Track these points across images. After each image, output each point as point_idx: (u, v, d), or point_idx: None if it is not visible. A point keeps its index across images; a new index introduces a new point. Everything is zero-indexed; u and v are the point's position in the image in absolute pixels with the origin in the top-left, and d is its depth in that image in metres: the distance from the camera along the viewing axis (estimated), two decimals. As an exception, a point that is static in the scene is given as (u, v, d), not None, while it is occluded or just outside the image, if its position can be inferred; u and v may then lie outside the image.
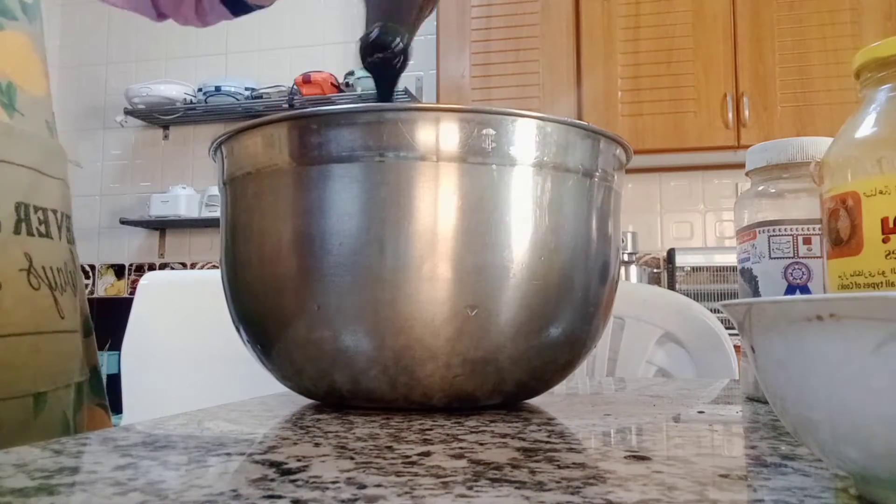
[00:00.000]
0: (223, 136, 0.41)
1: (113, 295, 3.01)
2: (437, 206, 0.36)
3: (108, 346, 2.87)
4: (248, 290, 0.40)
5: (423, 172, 0.36)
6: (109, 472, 0.23)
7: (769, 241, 0.45)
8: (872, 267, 0.31)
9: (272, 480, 0.22)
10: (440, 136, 0.36)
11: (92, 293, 3.01)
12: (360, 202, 0.36)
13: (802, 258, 0.44)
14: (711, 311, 0.98)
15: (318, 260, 0.37)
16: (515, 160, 0.37)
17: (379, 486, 0.21)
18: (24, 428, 0.40)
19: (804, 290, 0.44)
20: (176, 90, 2.87)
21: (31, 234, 0.42)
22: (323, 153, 0.37)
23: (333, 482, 0.22)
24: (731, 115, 2.26)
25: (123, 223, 2.93)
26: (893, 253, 0.30)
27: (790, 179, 0.45)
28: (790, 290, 0.44)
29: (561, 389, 0.52)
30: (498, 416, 0.38)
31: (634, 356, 0.99)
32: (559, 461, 0.25)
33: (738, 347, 0.89)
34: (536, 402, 0.44)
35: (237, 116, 2.89)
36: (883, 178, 0.30)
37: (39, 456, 0.26)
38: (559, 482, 0.22)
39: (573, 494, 0.20)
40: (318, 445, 0.28)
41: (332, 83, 2.73)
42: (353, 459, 0.25)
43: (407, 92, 2.68)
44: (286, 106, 2.75)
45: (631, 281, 2.30)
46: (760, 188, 0.47)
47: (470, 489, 0.21)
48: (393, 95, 0.50)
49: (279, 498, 0.20)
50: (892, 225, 0.30)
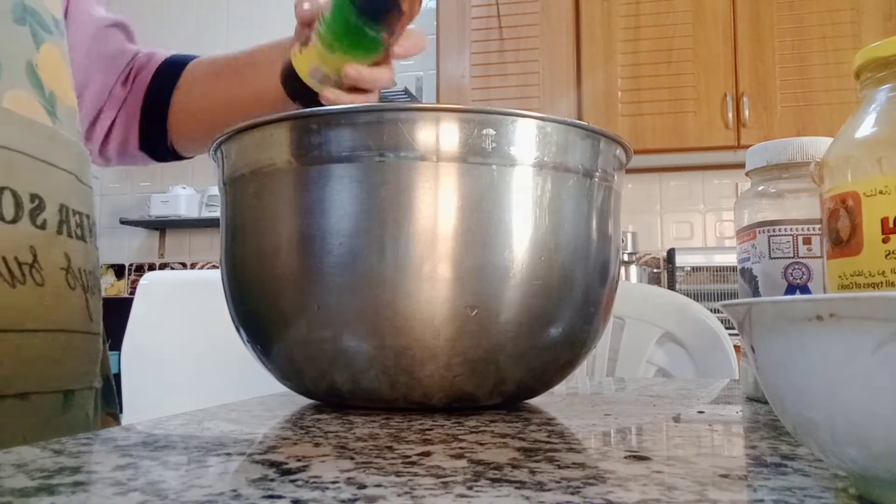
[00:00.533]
0: (223, 135, 0.41)
1: (113, 295, 3.01)
2: (437, 206, 0.36)
3: (108, 346, 2.87)
4: (248, 290, 0.40)
5: (423, 172, 0.36)
6: (109, 472, 0.23)
7: (769, 241, 0.45)
8: (872, 267, 0.31)
9: (272, 480, 0.22)
10: (440, 136, 0.36)
11: (92, 293, 3.01)
12: (360, 202, 0.36)
13: (802, 258, 0.44)
14: (711, 311, 0.98)
15: (318, 260, 0.37)
16: (515, 160, 0.37)
17: (379, 486, 0.21)
18: (50, 424, 0.41)
19: (804, 290, 0.44)
20: (176, 90, 2.87)
21: (70, 235, 0.43)
22: (323, 153, 0.37)
23: (333, 482, 0.22)
24: (731, 115, 2.27)
25: (123, 223, 2.93)
26: (893, 253, 0.30)
27: (790, 179, 0.45)
28: (790, 290, 0.44)
29: (561, 389, 0.52)
30: (498, 416, 0.38)
31: (634, 356, 0.99)
32: (559, 461, 0.25)
33: (738, 347, 0.89)
34: (536, 402, 0.44)
35: (237, 116, 2.88)
36: (883, 178, 0.30)
37: (39, 456, 0.26)
38: (559, 482, 0.22)
39: (573, 494, 0.20)
40: (318, 445, 0.28)
41: (332, 83, 2.72)
42: (353, 459, 0.25)
43: (407, 92, 2.68)
44: (286, 106, 2.75)
45: (631, 281, 2.30)
46: (760, 188, 0.47)
47: (470, 489, 0.21)
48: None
49: (279, 498, 0.20)
50: (892, 225, 0.30)
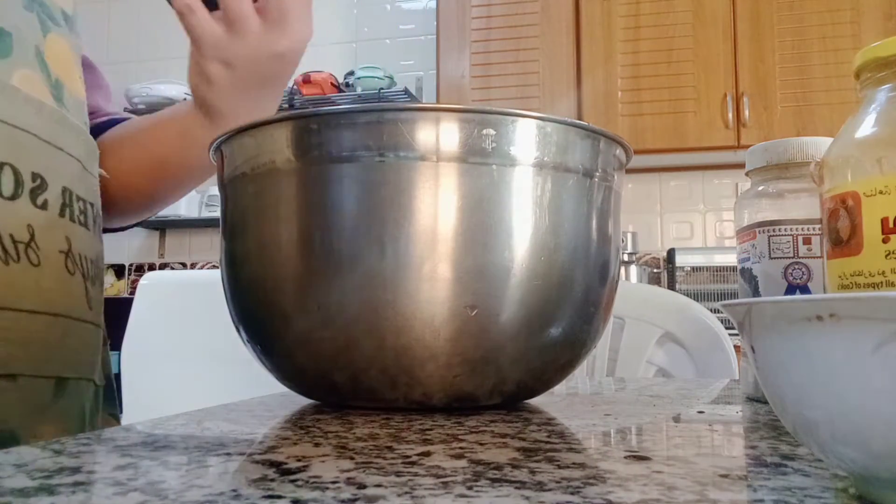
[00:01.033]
0: (223, 136, 0.41)
1: (113, 295, 3.01)
2: (437, 206, 0.36)
3: (108, 346, 2.87)
4: (248, 290, 0.40)
5: (423, 172, 0.36)
6: (109, 472, 0.23)
7: (769, 241, 0.45)
8: (872, 267, 0.31)
9: (272, 480, 0.22)
10: (440, 136, 0.36)
11: (92, 293, 3.01)
12: (360, 202, 0.36)
13: (802, 258, 0.44)
14: (711, 311, 0.98)
15: (318, 260, 0.37)
16: (515, 160, 0.37)
17: (379, 486, 0.21)
18: (40, 411, 0.40)
19: (804, 290, 0.44)
20: (176, 90, 2.87)
21: (72, 220, 0.43)
22: (323, 153, 0.37)
23: (333, 482, 0.22)
24: (731, 115, 2.27)
25: (123, 223, 2.92)
26: (893, 253, 0.30)
27: (790, 179, 0.45)
28: (790, 290, 0.44)
29: (561, 389, 0.52)
30: (498, 416, 0.38)
31: (634, 356, 0.99)
32: (559, 461, 0.25)
33: (738, 347, 0.89)
34: (536, 402, 0.44)
35: (237, 116, 2.88)
36: (883, 178, 0.30)
37: (39, 456, 0.26)
38: (559, 482, 0.22)
39: (573, 494, 0.20)
40: (318, 445, 0.28)
41: (332, 83, 2.73)
42: (353, 459, 0.25)
43: (407, 92, 2.68)
44: (286, 106, 2.75)
45: (631, 281, 2.30)
46: (760, 188, 0.47)
47: (470, 489, 0.21)
48: None
49: (279, 498, 0.20)
50: (892, 225, 0.30)
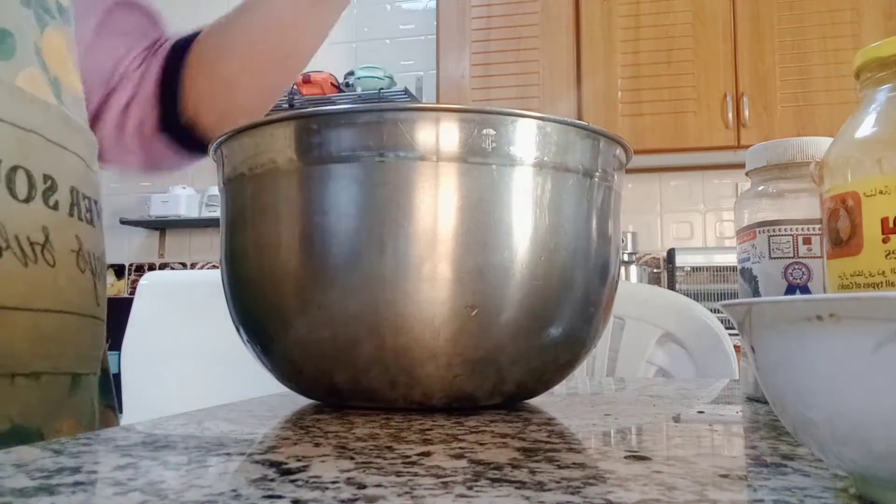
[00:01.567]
0: (223, 136, 0.41)
1: (113, 295, 3.01)
2: (437, 206, 0.36)
3: (108, 346, 2.87)
4: (248, 290, 0.40)
5: (423, 172, 0.36)
6: (109, 472, 0.23)
7: (769, 241, 0.45)
8: (872, 267, 0.31)
9: (272, 480, 0.22)
10: (440, 136, 0.36)
11: (92, 293, 3.01)
12: (360, 202, 0.36)
13: (802, 258, 0.44)
14: (711, 311, 0.98)
15: (318, 260, 0.37)
16: (515, 160, 0.37)
17: (379, 486, 0.21)
18: (59, 406, 0.41)
19: (804, 290, 0.44)
20: (176, 90, 2.87)
21: (80, 218, 0.43)
22: (323, 153, 0.37)
23: (333, 482, 0.22)
24: (731, 115, 2.27)
25: (123, 223, 2.93)
26: (893, 253, 0.30)
27: (790, 179, 0.45)
28: (790, 290, 0.44)
29: (561, 389, 0.52)
30: (498, 416, 0.38)
31: (634, 356, 0.99)
32: (559, 461, 0.25)
33: (738, 347, 0.89)
34: (536, 402, 0.44)
35: (237, 116, 2.88)
36: (883, 178, 0.30)
37: (39, 456, 0.26)
38: (559, 482, 0.22)
39: (573, 494, 0.20)
40: (318, 445, 0.28)
41: (332, 83, 2.73)
42: (353, 459, 0.25)
43: (407, 92, 2.68)
44: (286, 106, 2.75)
45: (631, 281, 2.30)
46: (760, 188, 0.47)
47: (470, 489, 0.21)
48: None
49: (279, 498, 0.20)
50: (892, 225, 0.30)
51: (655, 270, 2.57)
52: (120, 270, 3.03)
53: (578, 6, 2.43)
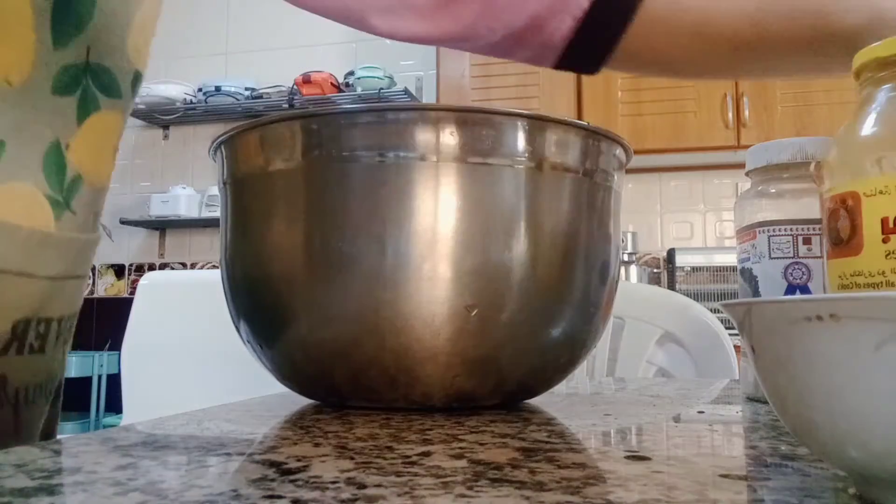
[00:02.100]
0: (223, 135, 0.41)
1: (113, 295, 3.01)
2: (437, 206, 0.36)
3: (108, 346, 2.87)
4: (248, 289, 0.40)
5: (423, 172, 0.36)
6: (109, 472, 0.23)
7: (769, 241, 0.45)
8: (872, 267, 0.31)
9: (272, 480, 0.22)
10: (440, 136, 0.36)
11: (92, 293, 3.01)
12: (360, 202, 0.36)
13: (802, 258, 0.44)
14: (711, 311, 0.98)
15: (318, 260, 0.37)
16: (515, 160, 0.37)
17: (379, 486, 0.21)
18: None
19: (804, 290, 0.44)
20: (176, 90, 2.88)
21: (20, 352, 0.38)
22: (323, 153, 0.37)
23: (333, 482, 0.22)
24: (731, 115, 2.26)
25: (123, 223, 2.93)
26: (893, 253, 0.30)
27: (790, 179, 0.45)
28: (790, 290, 0.44)
29: (561, 389, 0.52)
30: (498, 416, 0.38)
31: (634, 356, 0.99)
32: (559, 461, 0.25)
33: (738, 347, 0.89)
34: (536, 402, 0.44)
35: (237, 116, 2.89)
36: (883, 178, 0.30)
37: (39, 456, 0.26)
38: (559, 482, 0.22)
39: (573, 494, 0.20)
40: (318, 445, 0.28)
41: (332, 83, 2.73)
42: (353, 459, 0.25)
43: (407, 92, 2.68)
44: (286, 106, 2.76)
45: (631, 281, 2.30)
46: (760, 188, 0.47)
47: (470, 489, 0.21)
48: None
49: (279, 498, 0.20)
50: (892, 225, 0.30)
51: (655, 270, 2.57)
52: (120, 270, 3.03)
53: (578, 6, 2.42)
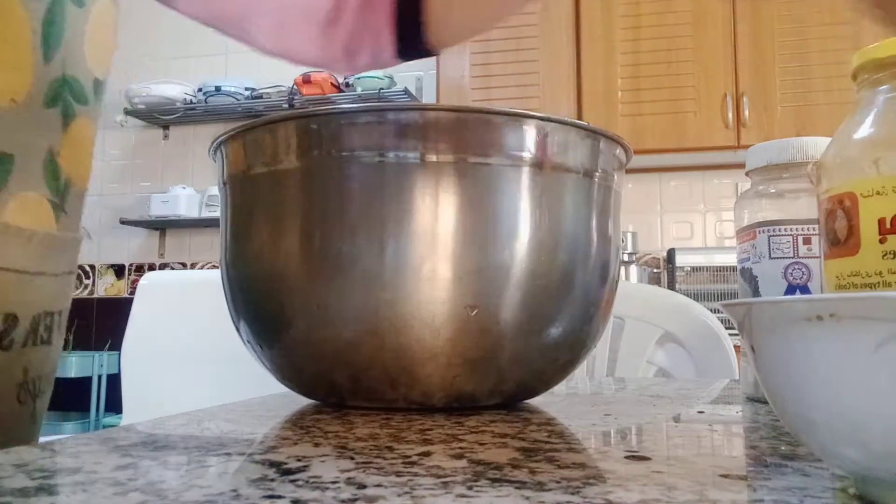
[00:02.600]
0: (223, 135, 0.41)
1: (113, 295, 3.01)
2: (437, 206, 0.36)
3: (108, 346, 2.87)
4: (247, 289, 0.40)
5: (423, 172, 0.36)
6: (109, 472, 0.23)
7: (769, 241, 0.45)
8: (869, 267, 0.31)
9: (272, 480, 0.22)
10: (440, 136, 0.36)
11: (92, 293, 3.01)
12: (360, 202, 0.36)
13: (802, 258, 0.44)
14: (711, 311, 0.98)
15: (318, 260, 0.37)
16: (515, 160, 0.37)
17: (379, 486, 0.21)
18: None
19: (804, 290, 0.44)
20: (176, 90, 2.87)
21: (35, 344, 0.40)
22: (323, 153, 0.37)
23: (333, 482, 0.22)
24: (731, 115, 2.27)
25: (123, 223, 2.93)
26: (890, 253, 0.30)
27: (790, 179, 0.45)
28: (790, 290, 0.44)
29: (561, 389, 0.52)
30: (498, 416, 0.38)
31: (634, 356, 0.99)
32: (559, 461, 0.25)
33: (738, 347, 0.89)
34: (536, 402, 0.44)
35: (237, 116, 2.89)
36: (880, 178, 0.30)
37: (39, 456, 0.26)
38: (559, 482, 0.22)
39: (573, 494, 0.21)
40: (318, 445, 0.28)
41: (332, 83, 2.73)
42: (353, 459, 0.25)
43: (407, 92, 2.68)
44: (286, 106, 2.76)
45: (631, 281, 2.30)
46: (760, 188, 0.47)
47: (470, 489, 0.21)
48: None
49: (279, 498, 0.20)
50: (888, 225, 0.30)
51: (655, 270, 2.57)
52: (120, 270, 3.03)
53: (578, 6, 2.43)
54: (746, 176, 0.48)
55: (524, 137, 0.37)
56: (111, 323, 2.94)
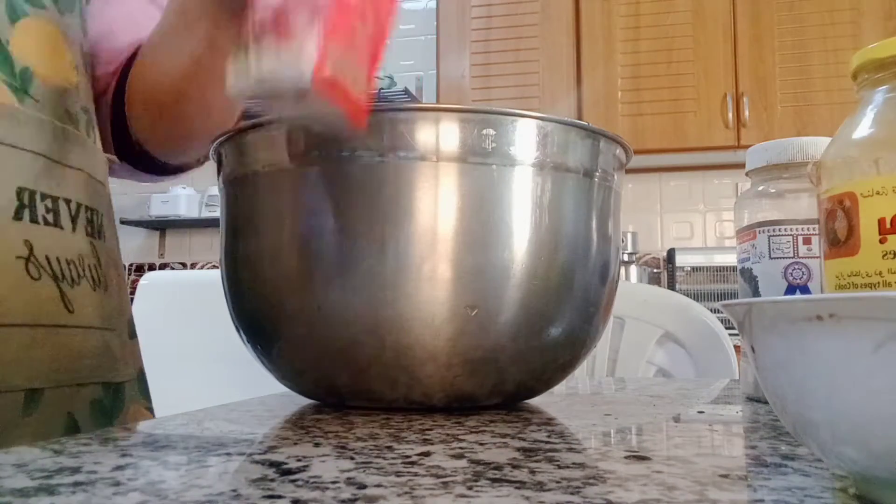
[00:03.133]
0: (223, 135, 0.41)
1: (113, 295, 3.01)
2: (437, 206, 0.36)
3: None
4: (248, 290, 0.40)
5: (423, 172, 0.36)
6: (109, 472, 0.23)
7: (769, 241, 0.45)
8: (869, 267, 0.31)
9: (272, 480, 0.22)
10: (440, 136, 0.36)
11: (92, 293, 3.01)
12: (360, 202, 0.36)
13: (802, 258, 0.44)
14: (711, 311, 0.98)
15: (318, 260, 0.37)
16: (515, 160, 0.37)
17: (379, 486, 0.21)
18: (10, 427, 0.38)
19: (804, 290, 0.44)
20: (176, 90, 2.87)
21: (34, 221, 0.41)
22: (323, 153, 0.37)
23: (333, 482, 0.22)
24: (731, 115, 2.26)
25: (123, 223, 2.93)
26: (890, 253, 0.30)
27: (790, 179, 0.45)
28: (790, 290, 0.44)
29: (561, 389, 0.52)
30: (498, 416, 0.38)
31: (634, 356, 0.99)
32: (559, 461, 0.25)
33: (738, 347, 0.89)
34: (536, 402, 0.44)
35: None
36: (880, 178, 0.30)
37: (39, 456, 0.26)
38: (559, 482, 0.22)
39: (573, 494, 0.21)
40: (318, 445, 0.28)
41: (332, 83, 2.72)
42: (353, 459, 0.25)
43: (407, 92, 2.68)
44: (286, 106, 2.75)
45: (631, 281, 2.30)
46: (760, 188, 0.47)
47: (470, 489, 0.21)
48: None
49: (279, 498, 0.20)
50: (888, 225, 0.30)
51: (655, 270, 2.57)
52: (120, 270, 3.02)
53: (578, 6, 2.43)
54: (746, 176, 0.48)
55: (524, 138, 0.37)
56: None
